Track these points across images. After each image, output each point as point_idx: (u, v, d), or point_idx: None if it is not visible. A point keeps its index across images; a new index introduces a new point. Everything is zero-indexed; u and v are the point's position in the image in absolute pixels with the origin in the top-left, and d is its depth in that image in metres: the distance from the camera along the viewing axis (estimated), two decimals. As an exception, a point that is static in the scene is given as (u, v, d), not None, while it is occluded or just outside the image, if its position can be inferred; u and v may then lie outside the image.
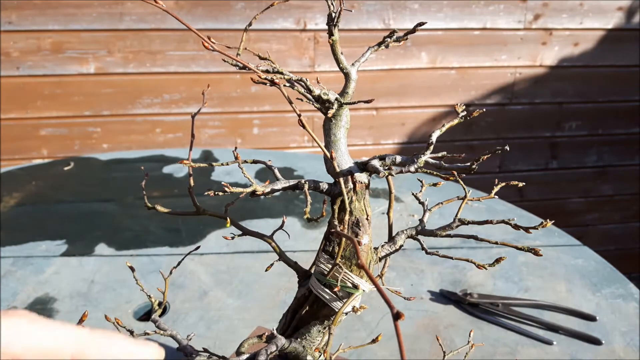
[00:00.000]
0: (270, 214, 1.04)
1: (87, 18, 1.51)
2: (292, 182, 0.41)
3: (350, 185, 0.39)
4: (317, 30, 1.63)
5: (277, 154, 1.46)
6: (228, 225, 0.41)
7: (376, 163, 0.38)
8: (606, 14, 1.77)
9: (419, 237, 0.41)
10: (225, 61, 0.36)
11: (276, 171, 0.43)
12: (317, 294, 0.40)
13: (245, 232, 0.43)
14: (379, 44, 0.40)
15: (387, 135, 1.81)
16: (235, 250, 0.92)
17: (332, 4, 0.38)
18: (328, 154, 0.38)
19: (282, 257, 0.43)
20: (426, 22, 0.40)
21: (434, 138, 0.36)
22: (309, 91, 0.38)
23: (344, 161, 0.39)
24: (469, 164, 0.35)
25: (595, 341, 0.73)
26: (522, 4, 1.71)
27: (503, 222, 0.37)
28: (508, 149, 0.35)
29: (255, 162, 0.44)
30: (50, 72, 1.55)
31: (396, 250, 0.42)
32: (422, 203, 0.44)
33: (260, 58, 0.39)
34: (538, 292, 0.84)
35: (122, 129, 1.66)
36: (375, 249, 0.41)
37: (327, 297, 0.39)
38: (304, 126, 0.36)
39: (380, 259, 0.42)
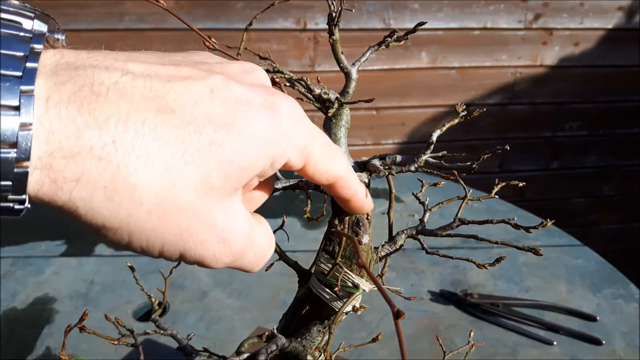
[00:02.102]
0: (270, 214, 1.04)
1: (87, 18, 1.51)
2: (292, 182, 0.41)
3: (351, 185, 0.39)
4: (317, 30, 1.63)
5: (277, 154, 1.45)
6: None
7: (376, 162, 0.38)
8: (606, 13, 1.76)
9: (419, 237, 0.41)
10: (225, 61, 0.36)
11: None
12: (317, 294, 0.40)
13: (245, 232, 0.43)
14: (380, 44, 0.40)
15: (387, 135, 1.81)
16: (236, 250, 0.92)
17: (332, 3, 0.38)
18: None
19: (282, 257, 0.43)
20: (426, 22, 0.40)
21: (434, 138, 0.36)
22: (309, 90, 0.38)
23: (344, 161, 0.39)
24: (469, 163, 0.35)
25: (596, 341, 0.73)
26: (523, 4, 1.71)
27: (503, 222, 0.37)
28: (508, 148, 0.35)
29: (255, 161, 0.44)
30: (51, 72, 1.55)
31: (396, 250, 0.42)
32: (422, 203, 0.44)
33: (261, 58, 0.39)
34: (538, 293, 0.84)
35: (122, 129, 1.66)
36: (376, 248, 0.41)
37: (327, 296, 0.39)
38: (304, 126, 0.36)
39: (380, 259, 0.41)
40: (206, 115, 0.23)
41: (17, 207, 0.21)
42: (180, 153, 0.22)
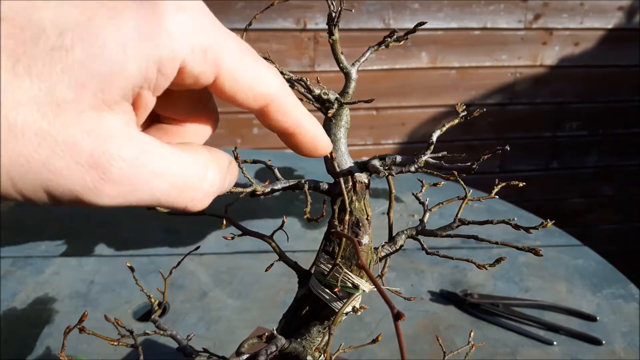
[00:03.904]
0: (270, 214, 1.04)
1: (87, 18, 1.50)
2: (292, 182, 0.41)
3: (350, 185, 0.39)
4: (317, 30, 1.63)
5: (277, 154, 1.46)
6: (224, 227, 0.41)
7: (376, 163, 0.38)
8: (606, 13, 1.76)
9: (419, 237, 0.41)
10: (225, 61, 0.36)
11: (276, 171, 0.43)
12: (317, 295, 0.40)
13: (245, 232, 0.43)
14: (379, 44, 0.40)
15: (387, 135, 1.81)
16: (235, 251, 0.92)
17: (332, 3, 0.38)
18: (328, 154, 0.38)
19: (282, 257, 0.43)
20: (426, 22, 0.40)
21: (434, 138, 0.36)
22: (309, 91, 0.38)
23: (344, 161, 0.39)
24: (469, 163, 0.35)
25: (596, 341, 0.73)
26: (523, 4, 1.71)
27: (503, 222, 0.37)
28: (508, 148, 0.35)
29: (255, 162, 0.44)
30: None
31: (396, 251, 0.42)
32: (422, 203, 0.44)
33: (260, 58, 0.39)
34: (538, 293, 0.83)
35: (122, 129, 1.66)
36: (376, 249, 0.41)
37: (327, 297, 0.39)
38: (304, 126, 0.36)
39: (380, 259, 0.41)
40: (49, 18, 0.19)
41: None
42: (10, 64, 0.18)
